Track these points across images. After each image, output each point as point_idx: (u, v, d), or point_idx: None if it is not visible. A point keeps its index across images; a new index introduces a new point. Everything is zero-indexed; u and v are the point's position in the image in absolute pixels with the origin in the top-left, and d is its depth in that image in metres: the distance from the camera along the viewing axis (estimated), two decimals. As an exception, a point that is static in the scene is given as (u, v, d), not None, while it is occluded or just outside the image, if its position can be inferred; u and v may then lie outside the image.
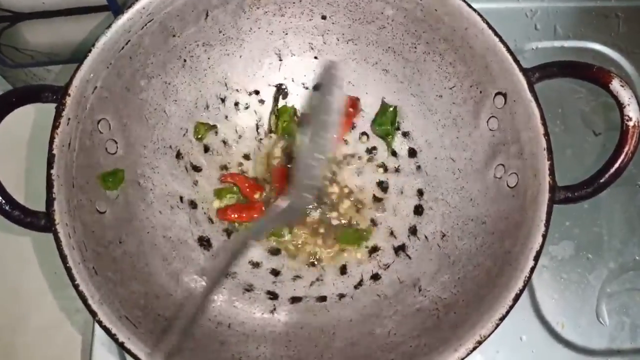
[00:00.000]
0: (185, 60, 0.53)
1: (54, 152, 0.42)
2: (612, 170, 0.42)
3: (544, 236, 0.42)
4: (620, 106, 0.42)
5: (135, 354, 0.39)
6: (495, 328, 0.40)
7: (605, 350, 0.55)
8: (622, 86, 0.42)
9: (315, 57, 0.56)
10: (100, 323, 0.40)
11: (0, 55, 0.58)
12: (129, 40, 0.47)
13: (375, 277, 0.52)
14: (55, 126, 0.43)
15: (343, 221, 0.54)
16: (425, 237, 0.52)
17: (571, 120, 0.62)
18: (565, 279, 0.57)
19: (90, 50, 0.45)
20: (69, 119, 0.44)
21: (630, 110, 0.42)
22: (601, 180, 0.43)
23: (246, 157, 0.56)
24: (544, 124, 0.44)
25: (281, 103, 0.57)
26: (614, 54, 0.65)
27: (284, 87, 0.57)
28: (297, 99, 0.57)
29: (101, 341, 0.51)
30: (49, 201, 0.41)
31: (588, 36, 0.65)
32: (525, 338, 0.55)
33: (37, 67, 0.62)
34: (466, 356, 0.40)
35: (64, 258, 0.40)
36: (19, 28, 0.56)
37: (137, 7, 0.47)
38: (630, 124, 0.42)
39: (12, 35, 0.56)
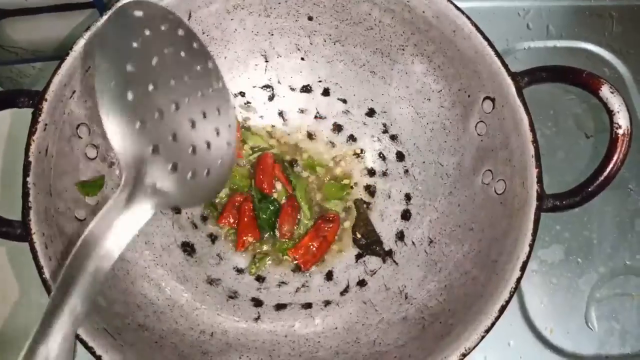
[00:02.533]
0: (168, 62, 0.51)
1: (30, 159, 0.41)
2: (601, 178, 0.42)
3: (531, 245, 0.41)
4: (610, 113, 0.41)
5: (113, 367, 0.39)
6: (480, 340, 0.40)
7: (594, 355, 0.54)
8: (612, 93, 0.41)
9: (302, 59, 0.55)
10: (77, 336, 0.39)
11: None
12: (109, 43, 0.46)
13: (362, 283, 0.51)
14: (31, 132, 0.42)
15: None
16: (413, 242, 0.51)
17: (563, 123, 0.61)
18: (555, 283, 0.56)
19: (68, 54, 0.44)
20: (46, 124, 0.42)
21: (620, 118, 0.41)
22: (589, 189, 0.42)
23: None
24: (533, 130, 0.43)
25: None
26: (607, 54, 0.64)
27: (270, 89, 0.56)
28: (284, 102, 0.56)
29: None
30: (25, 210, 0.40)
31: (581, 36, 0.64)
32: (513, 343, 0.54)
33: (22, 64, 0.61)
34: (450, 369, 0.39)
35: (40, 269, 0.40)
36: (3, 25, 0.55)
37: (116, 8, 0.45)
38: (620, 132, 0.41)
39: None
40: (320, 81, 0.56)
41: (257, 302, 0.50)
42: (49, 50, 0.60)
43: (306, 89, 0.56)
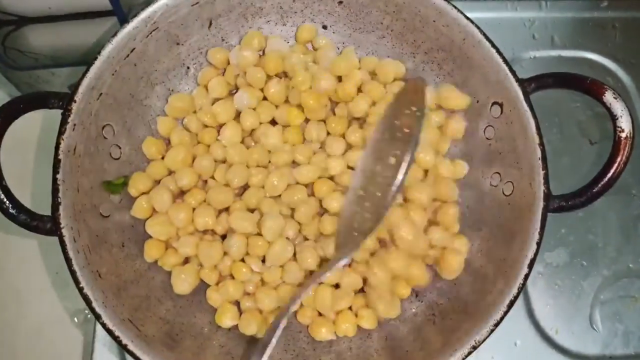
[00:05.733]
0: (188, 68, 0.54)
1: (60, 157, 0.43)
2: (605, 180, 0.43)
3: (539, 244, 0.43)
4: (613, 118, 0.43)
5: (138, 356, 0.40)
6: (490, 334, 0.41)
7: (598, 356, 0.55)
8: (615, 98, 0.43)
9: (316, 65, 0.57)
10: (104, 325, 0.41)
11: (5, 58, 0.59)
12: (134, 48, 0.48)
13: (373, 282, 0.53)
14: (61, 132, 0.44)
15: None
16: (423, 243, 0.53)
17: (568, 129, 0.63)
18: (560, 285, 0.58)
19: (96, 58, 0.46)
20: (74, 125, 0.45)
21: (623, 122, 0.43)
22: (594, 190, 0.44)
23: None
24: (539, 133, 0.45)
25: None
26: (610, 64, 0.66)
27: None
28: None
29: (102, 340, 0.52)
30: (55, 205, 0.42)
31: (585, 46, 0.66)
32: (519, 343, 0.55)
33: (42, 69, 0.62)
34: (461, 361, 0.41)
35: (69, 261, 0.41)
36: (24, 31, 0.57)
37: (142, 16, 0.48)
38: (623, 135, 0.43)
39: (17, 38, 0.57)
40: (333, 87, 0.58)
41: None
42: (68, 57, 0.62)
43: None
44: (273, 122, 0.52)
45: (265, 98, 0.52)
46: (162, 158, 0.51)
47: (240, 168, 0.49)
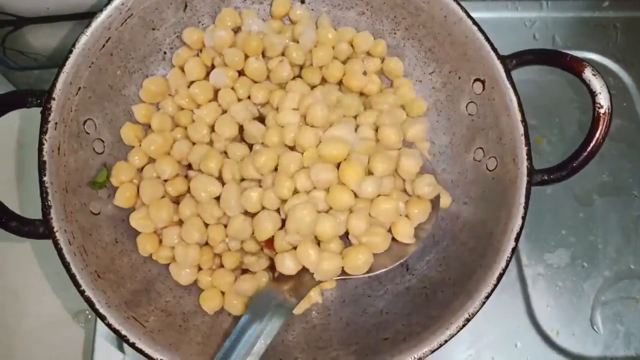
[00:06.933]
0: (165, 53, 0.52)
1: (45, 158, 0.42)
2: (585, 154, 0.45)
3: (524, 218, 0.45)
4: (592, 94, 0.45)
5: (148, 353, 0.41)
6: (482, 306, 0.43)
7: (600, 357, 0.57)
8: (594, 75, 0.45)
9: (296, 44, 0.56)
10: (110, 326, 0.41)
11: (4, 58, 0.58)
12: (110, 37, 0.46)
13: (364, 257, 0.54)
14: (43, 132, 0.42)
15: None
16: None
17: (568, 129, 0.63)
18: (561, 287, 0.59)
19: (71, 51, 0.44)
20: (55, 123, 0.43)
21: (602, 99, 0.44)
22: (574, 164, 0.46)
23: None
24: (521, 110, 0.46)
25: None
26: (611, 64, 0.66)
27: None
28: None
29: (103, 341, 0.52)
30: (46, 209, 0.41)
31: (586, 46, 0.66)
32: (520, 345, 0.57)
33: (41, 70, 0.61)
34: (456, 333, 0.43)
35: (66, 265, 0.41)
36: (23, 32, 0.56)
37: (115, 3, 0.46)
38: (602, 111, 0.44)
39: (16, 39, 0.56)
40: (313, 65, 0.57)
41: (268, 281, 0.53)
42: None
43: (300, 73, 0.57)
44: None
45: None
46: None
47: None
